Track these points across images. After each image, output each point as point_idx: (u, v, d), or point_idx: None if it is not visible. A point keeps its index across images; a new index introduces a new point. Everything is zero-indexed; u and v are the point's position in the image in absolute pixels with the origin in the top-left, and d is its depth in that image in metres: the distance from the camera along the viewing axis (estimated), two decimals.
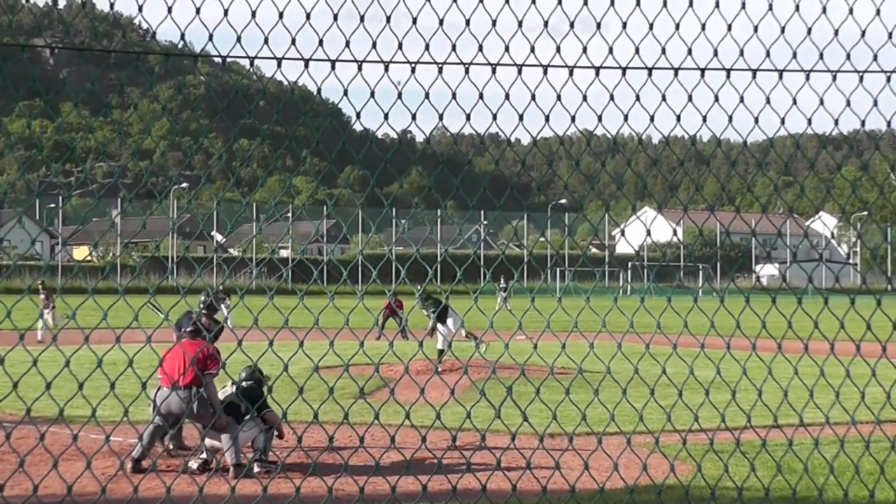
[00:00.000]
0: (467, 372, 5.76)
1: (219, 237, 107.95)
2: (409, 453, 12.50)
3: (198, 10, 4.74)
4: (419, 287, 28.27)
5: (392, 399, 5.37)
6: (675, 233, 5.83)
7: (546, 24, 5.12)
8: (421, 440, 4.88)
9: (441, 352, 25.24)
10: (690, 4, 5.26)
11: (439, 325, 25.57)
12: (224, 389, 13.47)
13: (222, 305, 35.65)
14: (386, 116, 4.93)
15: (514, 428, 5.67)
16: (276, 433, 13.00)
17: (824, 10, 5.47)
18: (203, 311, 16.30)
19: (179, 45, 5.64)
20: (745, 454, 6.06)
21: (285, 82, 5.18)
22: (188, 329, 13.75)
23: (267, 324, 5.26)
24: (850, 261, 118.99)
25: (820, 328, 5.48)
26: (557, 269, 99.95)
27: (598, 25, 5.14)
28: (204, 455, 12.78)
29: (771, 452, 6.46)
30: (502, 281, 64.20)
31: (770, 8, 5.34)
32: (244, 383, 13.58)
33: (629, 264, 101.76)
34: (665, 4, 5.23)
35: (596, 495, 6.61)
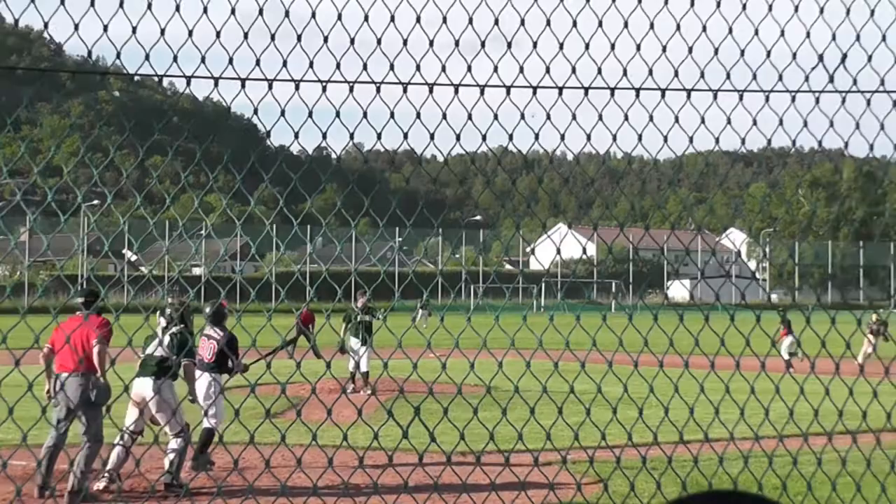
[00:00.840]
0: (374, 392, 5.72)
1: (130, 255, 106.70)
2: (317, 473, 12.42)
3: (105, 28, 4.68)
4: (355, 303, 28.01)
5: (299, 420, 5.34)
6: (584, 250, 5.86)
7: (457, 43, 5.13)
8: (328, 462, 4.85)
9: (353, 374, 25.25)
10: (600, 25, 5.31)
11: (354, 343, 25.65)
12: (151, 345, 13.10)
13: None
14: (296, 135, 4.90)
15: (422, 447, 5.66)
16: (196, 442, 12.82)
17: (730, 31, 5.55)
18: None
19: (91, 61, 5.57)
20: (652, 471, 6.11)
21: (200, 99, 5.15)
22: (80, 301, 13.45)
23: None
24: (759, 276, 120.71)
25: (726, 345, 5.54)
26: (472, 286, 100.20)
27: (509, 45, 5.17)
28: (107, 476, 12.55)
29: (677, 469, 6.52)
30: (424, 298, 63.85)
31: (678, 28, 5.40)
32: (174, 330, 13.32)
33: (542, 281, 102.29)
34: (574, 25, 5.27)
35: None
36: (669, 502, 1.79)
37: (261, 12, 4.88)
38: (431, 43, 5.12)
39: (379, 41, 5.03)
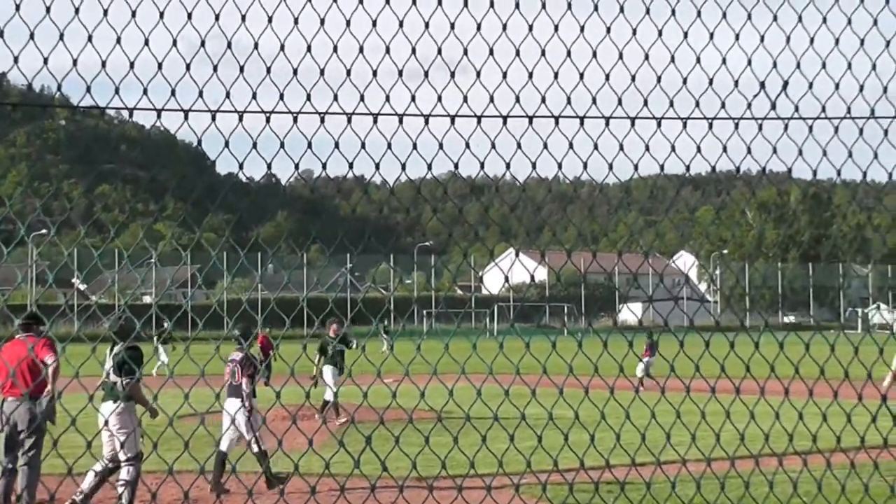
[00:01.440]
0: (325, 423, 5.72)
1: (79, 284, 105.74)
2: (271, 501, 12.35)
3: (45, 60, 4.66)
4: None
5: (248, 449, 5.30)
6: (532, 278, 5.88)
7: (401, 73, 5.14)
8: (279, 493, 4.83)
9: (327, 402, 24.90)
10: (543, 55, 5.34)
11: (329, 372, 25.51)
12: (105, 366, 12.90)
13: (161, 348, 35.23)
14: (240, 166, 4.89)
15: (376, 474, 5.64)
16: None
17: (672, 60, 5.60)
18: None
19: (35, 91, 5.53)
20: (606, 495, 6.12)
21: (146, 127, 5.13)
22: (20, 323, 13.24)
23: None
24: (709, 299, 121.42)
25: (675, 369, 5.57)
26: (424, 311, 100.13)
27: (453, 74, 5.19)
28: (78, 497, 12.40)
29: (631, 493, 6.53)
30: (386, 324, 62.68)
31: (620, 57, 5.45)
32: (115, 350, 12.94)
33: (493, 306, 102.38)
34: (518, 54, 5.30)
35: None
36: None
37: (202, 44, 4.88)
38: (375, 73, 5.13)
39: (322, 71, 5.03)
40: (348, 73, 5.09)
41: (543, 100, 5.32)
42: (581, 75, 5.49)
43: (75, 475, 4.70)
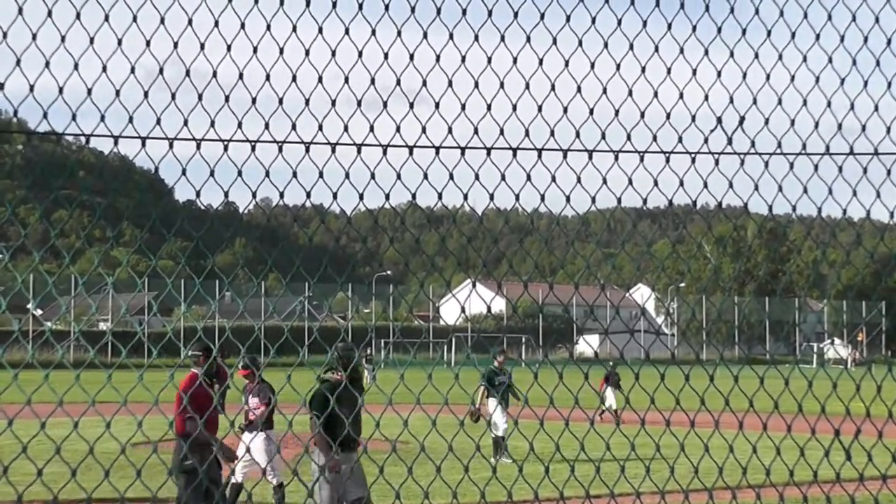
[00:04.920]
0: (279, 451, 5.69)
1: (35, 310, 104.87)
2: None
3: (1, 86, 4.63)
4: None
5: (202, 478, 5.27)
6: (489, 309, 5.89)
7: (360, 103, 5.16)
8: None
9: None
10: (501, 86, 5.37)
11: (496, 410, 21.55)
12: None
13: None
14: (198, 194, 4.88)
15: None
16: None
17: (630, 94, 5.64)
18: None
19: None
20: None
21: (104, 153, 5.12)
22: (192, 356, 12.76)
23: (74, 399, 5.12)
24: (667, 331, 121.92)
25: (630, 402, 5.59)
26: (382, 341, 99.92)
27: (412, 105, 5.20)
28: None
29: None
30: (370, 352, 59.75)
31: (579, 90, 5.49)
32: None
33: (450, 336, 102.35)
34: (476, 86, 5.33)
35: None
36: None
37: (161, 71, 4.87)
38: (334, 102, 5.14)
39: (280, 100, 5.04)
40: (307, 102, 5.09)
41: (502, 132, 5.35)
42: (539, 108, 5.52)
43: (25, 502, 4.67)
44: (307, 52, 5.18)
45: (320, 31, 5.22)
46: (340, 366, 12.47)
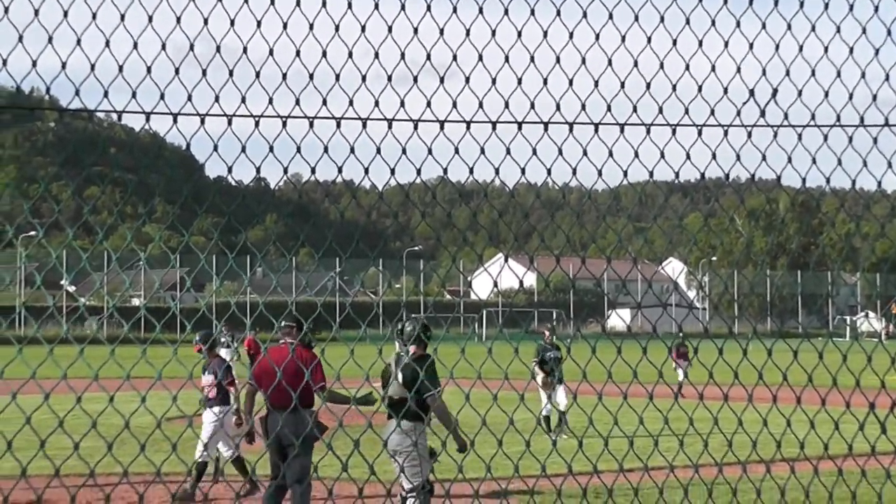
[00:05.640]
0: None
1: (68, 286, 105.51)
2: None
3: (34, 63, 4.65)
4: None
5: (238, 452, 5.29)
6: (521, 283, 5.88)
7: (390, 78, 5.15)
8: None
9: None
10: (532, 61, 5.35)
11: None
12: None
13: (224, 344, 34.94)
14: (230, 170, 4.88)
15: (363, 478, 5.63)
16: None
17: (662, 67, 5.61)
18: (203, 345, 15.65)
19: (24, 93, 5.51)
20: (592, 502, 6.12)
21: (135, 130, 5.13)
22: (284, 328, 12.58)
23: (109, 374, 5.15)
24: (698, 304, 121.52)
25: (664, 376, 5.58)
26: (413, 316, 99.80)
27: (442, 80, 5.19)
28: None
29: (619, 498, 6.54)
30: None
31: (609, 63, 5.45)
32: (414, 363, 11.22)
33: (481, 311, 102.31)
34: (507, 60, 5.31)
35: None
36: None
37: (191, 47, 4.87)
38: (364, 77, 5.13)
39: (311, 76, 5.03)
40: (337, 77, 5.09)
41: (533, 105, 5.32)
42: (570, 81, 5.50)
43: (62, 476, 4.70)
44: (337, 28, 5.17)
45: (350, 6, 5.21)
46: (425, 339, 11.97)
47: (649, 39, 5.63)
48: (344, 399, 11.47)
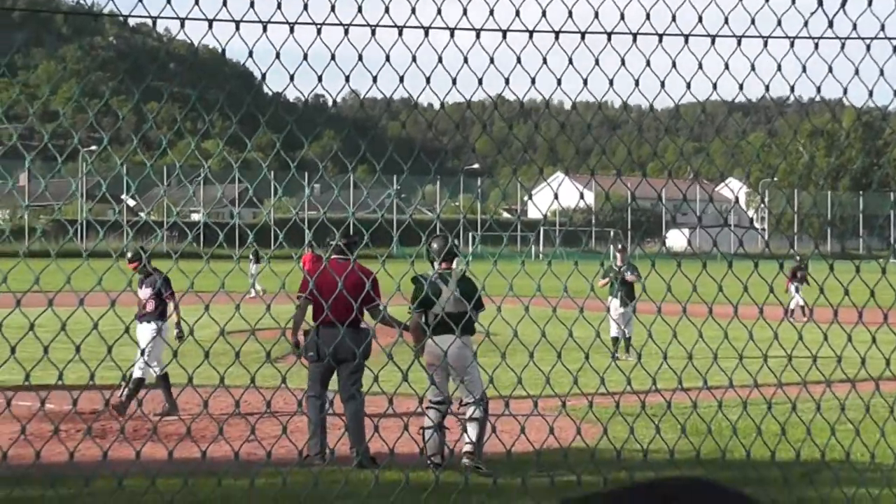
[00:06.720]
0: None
1: (130, 201, 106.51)
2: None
3: None
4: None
5: (300, 364, 5.35)
6: (581, 196, 5.85)
7: None
8: (329, 404, 4.87)
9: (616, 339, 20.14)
10: None
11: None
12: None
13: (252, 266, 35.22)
14: (291, 78, 4.87)
15: (422, 392, 5.68)
16: None
17: None
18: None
19: (86, 5, 5.51)
20: (652, 417, 6.13)
21: (195, 43, 5.11)
22: (337, 243, 12.25)
23: (175, 287, 5.20)
24: (757, 225, 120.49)
25: (724, 292, 5.54)
26: (470, 234, 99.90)
27: None
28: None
29: (676, 415, 6.53)
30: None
31: None
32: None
33: (539, 229, 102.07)
34: None
35: (503, 457, 6.66)
36: (648, 482, 1.74)
37: None
38: None
39: None
40: None
41: (596, 15, 5.25)
42: None
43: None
44: None
45: None
46: (455, 254, 12.13)
47: None
48: (395, 324, 11.44)
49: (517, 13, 5.11)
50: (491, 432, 5.78)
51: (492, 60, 5.08)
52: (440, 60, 5.07)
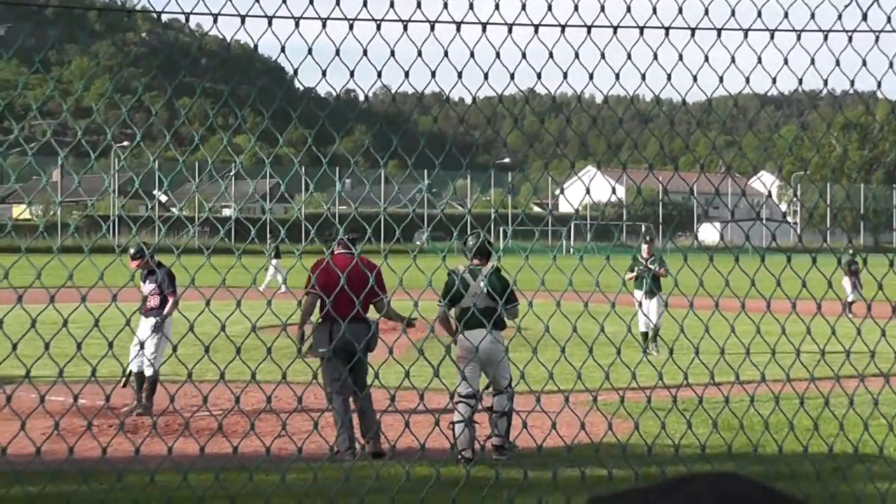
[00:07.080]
0: (405, 331, 5.78)
1: (161, 197, 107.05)
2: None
3: None
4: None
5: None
6: (613, 191, 5.84)
7: None
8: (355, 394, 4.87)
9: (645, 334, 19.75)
10: None
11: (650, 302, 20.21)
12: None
13: (273, 262, 35.46)
14: (324, 73, 4.88)
15: (452, 388, 5.68)
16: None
17: None
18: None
19: (119, 2, 5.54)
20: (683, 411, 6.11)
21: (227, 39, 5.13)
22: (342, 239, 12.59)
23: (206, 283, 5.21)
24: (789, 219, 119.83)
25: (757, 286, 5.52)
26: (500, 228, 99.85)
27: None
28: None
29: (708, 410, 6.52)
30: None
31: None
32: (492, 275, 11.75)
33: (570, 223, 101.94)
34: None
35: (534, 452, 6.65)
36: (677, 479, 1.73)
37: None
38: None
39: None
40: None
41: (629, 9, 5.23)
42: None
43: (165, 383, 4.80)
44: None
45: None
46: (490, 251, 12.09)
47: None
48: (398, 317, 11.46)
49: (549, 7, 5.10)
50: (521, 427, 5.77)
51: (524, 55, 5.07)
52: (472, 55, 5.07)
